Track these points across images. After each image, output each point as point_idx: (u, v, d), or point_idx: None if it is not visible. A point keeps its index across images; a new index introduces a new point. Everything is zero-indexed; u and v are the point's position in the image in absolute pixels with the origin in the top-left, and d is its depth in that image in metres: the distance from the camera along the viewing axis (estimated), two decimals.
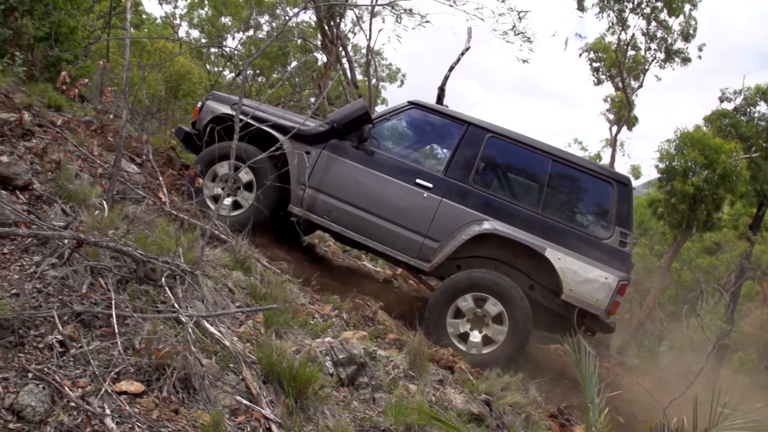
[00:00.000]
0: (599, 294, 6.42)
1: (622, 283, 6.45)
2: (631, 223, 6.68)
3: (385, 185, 6.70)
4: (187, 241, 4.91)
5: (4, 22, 9.58)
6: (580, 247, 6.51)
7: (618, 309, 6.63)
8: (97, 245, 3.96)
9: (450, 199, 6.64)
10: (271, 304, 4.87)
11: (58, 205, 4.75)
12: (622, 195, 6.67)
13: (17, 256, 3.87)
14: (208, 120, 7.06)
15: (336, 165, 6.76)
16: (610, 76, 20.98)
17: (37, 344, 3.24)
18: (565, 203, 7.08)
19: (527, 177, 7.26)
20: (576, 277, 6.42)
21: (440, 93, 13.33)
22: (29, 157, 5.37)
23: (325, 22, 17.81)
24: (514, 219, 6.58)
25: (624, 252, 6.57)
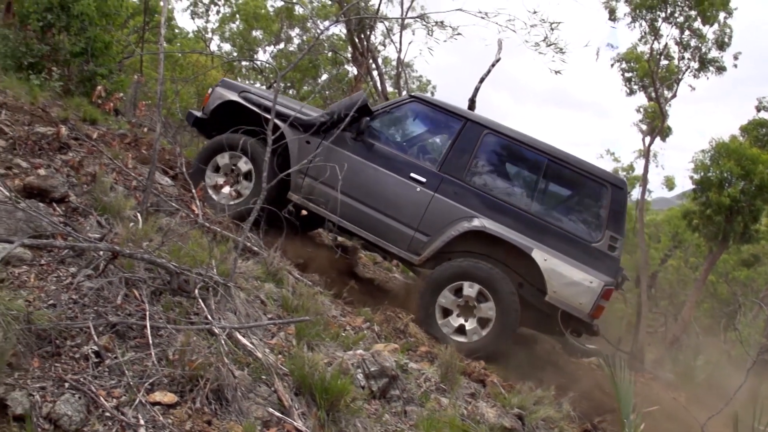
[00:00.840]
0: (583, 297, 6.40)
1: (607, 288, 6.40)
2: (623, 227, 6.64)
3: (380, 177, 6.76)
4: (219, 253, 4.97)
5: (42, 38, 9.81)
6: (568, 249, 6.49)
7: (602, 313, 6.55)
8: (131, 257, 4.01)
9: (442, 195, 6.68)
10: (302, 316, 4.89)
11: (94, 217, 4.83)
12: (616, 198, 6.62)
13: (54, 267, 3.94)
14: (215, 105, 7.28)
15: (334, 155, 6.78)
16: (643, 86, 20.74)
17: (73, 354, 3.28)
18: (558, 204, 7.04)
19: (521, 175, 7.21)
20: (561, 279, 6.40)
21: (471, 104, 13.35)
22: (66, 170, 5.47)
23: (355, 35, 17.92)
24: (505, 217, 6.60)
25: (612, 257, 6.52)
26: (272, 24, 27.55)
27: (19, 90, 7.73)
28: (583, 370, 8.25)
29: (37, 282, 3.73)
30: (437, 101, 7.29)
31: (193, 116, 7.72)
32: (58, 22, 9.85)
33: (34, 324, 3.21)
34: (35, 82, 8.80)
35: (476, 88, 13.20)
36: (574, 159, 6.84)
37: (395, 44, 25.89)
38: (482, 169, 6.92)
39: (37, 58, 9.69)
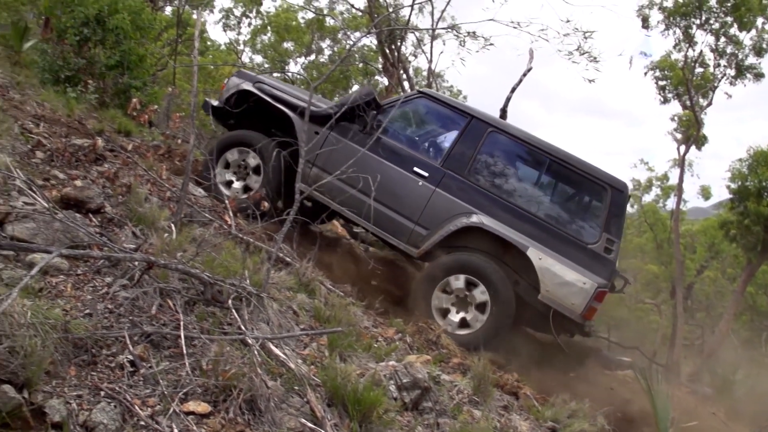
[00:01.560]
0: (575, 298, 6.43)
1: (600, 290, 6.41)
2: (620, 230, 6.65)
3: (384, 170, 6.79)
4: (252, 263, 5.01)
5: (79, 52, 10.01)
6: (563, 250, 6.53)
7: (594, 315, 6.59)
8: (166, 267, 4.06)
9: (443, 190, 6.79)
10: (335, 326, 4.90)
11: (129, 227, 4.90)
12: (616, 201, 6.64)
13: (90, 277, 4.01)
14: (230, 94, 7.51)
15: (341, 147, 6.92)
16: (677, 95, 20.51)
17: (109, 363, 3.33)
18: (557, 204, 7.08)
19: (522, 174, 7.22)
20: (554, 279, 6.45)
21: (502, 114, 13.34)
22: (101, 181, 5.57)
23: (386, 46, 18.00)
24: (503, 215, 6.67)
25: (607, 259, 6.53)
26: (303, 35, 27.80)
27: (56, 103, 7.89)
28: (618, 383, 8.15)
29: (74, 291, 3.79)
30: (445, 97, 7.50)
31: (209, 105, 7.92)
32: (94, 36, 10.05)
33: (71, 333, 3.26)
34: (72, 94, 8.98)
35: (507, 98, 13.19)
36: (576, 159, 6.86)
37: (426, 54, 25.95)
38: (484, 167, 7.00)
39: (74, 72, 9.89)
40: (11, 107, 6.61)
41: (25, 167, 5.21)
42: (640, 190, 33.15)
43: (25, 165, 5.27)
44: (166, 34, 18.49)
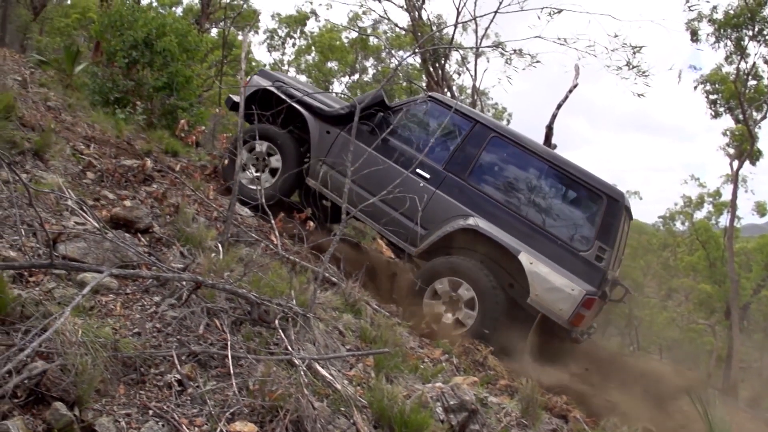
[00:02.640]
0: (563, 304, 6.51)
1: (589, 297, 6.46)
2: (614, 239, 6.68)
3: (388, 170, 6.93)
4: (299, 283, 5.03)
5: (127, 74, 10.26)
6: (554, 255, 6.63)
7: (583, 322, 6.62)
8: (214, 287, 4.11)
9: (443, 192, 7.01)
10: (381, 347, 4.89)
11: (177, 247, 4.98)
12: (611, 210, 6.71)
13: (139, 296, 4.08)
14: (248, 93, 7.70)
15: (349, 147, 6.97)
16: (729, 108, 20.11)
17: (157, 382, 3.37)
18: (552, 210, 7.11)
19: (521, 179, 7.29)
20: (544, 284, 6.55)
21: (548, 132, 13.23)
22: (150, 202, 5.68)
23: (430, 64, 18.05)
24: (499, 218, 6.83)
25: (598, 267, 6.59)
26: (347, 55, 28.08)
27: (105, 124, 8.09)
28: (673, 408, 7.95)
29: (123, 310, 3.85)
30: (452, 102, 7.65)
31: (231, 101, 8.27)
32: (142, 59, 10.31)
33: (120, 352, 3.32)
34: (120, 116, 9.20)
35: (553, 115, 13.08)
36: (575, 167, 6.97)
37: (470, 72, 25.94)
38: (484, 171, 7.18)
39: (123, 93, 10.15)
40: (63, 129, 6.79)
41: (77, 187, 5.34)
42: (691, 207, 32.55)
43: (76, 185, 5.40)
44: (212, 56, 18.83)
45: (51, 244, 3.69)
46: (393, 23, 22.22)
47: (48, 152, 5.62)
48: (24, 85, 7.98)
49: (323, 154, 7.43)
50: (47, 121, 6.47)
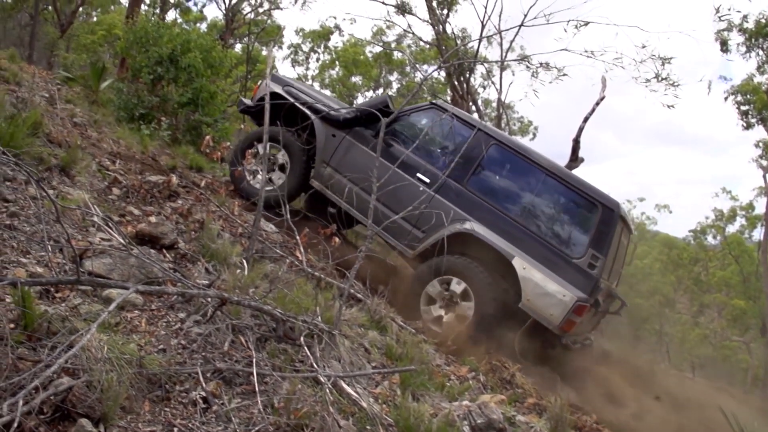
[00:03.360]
0: (554, 309, 6.60)
1: (580, 303, 6.54)
2: (607, 248, 6.77)
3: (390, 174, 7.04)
4: (324, 299, 5.03)
5: (153, 90, 10.39)
6: (548, 261, 6.74)
7: (573, 329, 6.69)
8: (239, 304, 4.13)
9: (442, 196, 7.15)
10: (407, 364, 4.87)
11: (202, 263, 5.01)
12: (605, 219, 6.82)
13: (164, 312, 4.10)
14: (260, 96, 8.12)
15: (354, 149, 7.54)
16: (762, 119, 19.85)
17: (182, 399, 3.38)
18: (548, 217, 7.22)
19: (518, 186, 7.39)
20: (536, 289, 6.66)
21: (575, 145, 13.13)
22: (175, 217, 5.73)
23: (454, 78, 18.05)
24: (495, 224, 6.95)
25: (590, 274, 6.68)
26: (371, 69, 28.18)
27: (131, 140, 8.19)
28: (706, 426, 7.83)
29: (148, 327, 3.88)
30: (455, 109, 7.85)
31: (243, 103, 8.68)
32: (167, 75, 10.43)
33: (145, 368, 3.33)
34: (145, 131, 9.31)
35: (580, 128, 12.97)
36: (572, 176, 7.18)
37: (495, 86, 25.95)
38: (483, 177, 7.32)
39: (148, 109, 10.28)
40: (89, 145, 6.89)
41: (103, 203, 5.41)
42: (723, 221, 32.16)
43: (102, 201, 5.47)
44: (236, 71, 19.01)
45: (77, 260, 3.73)
46: (417, 37, 22.31)
47: (74, 168, 5.70)
48: (51, 102, 8.11)
49: (328, 156, 7.69)
50: (74, 137, 6.56)
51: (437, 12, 19.32)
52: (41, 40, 28.77)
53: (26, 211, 4.51)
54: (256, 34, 27.47)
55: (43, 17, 29.22)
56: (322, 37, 30.62)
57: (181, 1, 30.75)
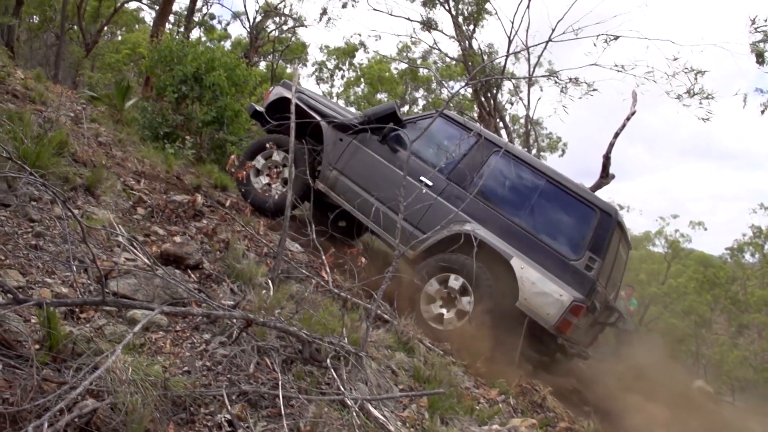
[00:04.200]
0: (551, 308, 6.81)
1: (576, 303, 6.76)
2: (605, 251, 7.01)
3: (394, 177, 7.52)
4: (350, 320, 5.03)
5: (177, 108, 10.51)
6: (545, 262, 6.99)
7: (569, 330, 6.84)
8: (264, 325, 4.13)
9: (444, 199, 7.43)
10: (435, 387, 4.85)
11: (227, 284, 5.04)
12: (603, 224, 7.09)
13: (189, 333, 4.12)
14: (272, 100, 8.67)
15: (360, 153, 7.90)
16: None
17: (207, 422, 3.38)
18: (546, 221, 7.44)
19: (519, 191, 7.66)
20: (532, 288, 6.89)
21: (605, 161, 13.04)
22: (200, 237, 5.77)
23: (481, 94, 18.05)
24: (495, 226, 7.22)
25: (587, 275, 6.90)
26: (397, 86, 28.27)
27: (155, 159, 8.28)
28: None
29: (173, 348, 3.90)
30: (460, 119, 8.29)
31: (253, 108, 9.13)
32: (191, 93, 10.55)
33: (170, 390, 3.34)
34: (170, 150, 9.41)
35: (611, 144, 12.90)
36: (571, 182, 7.44)
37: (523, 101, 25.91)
38: (484, 182, 7.54)
39: (172, 128, 10.39)
40: (114, 164, 6.98)
41: (127, 223, 5.47)
42: (761, 238, 31.69)
43: (127, 221, 5.53)
44: (260, 89, 19.17)
45: (103, 280, 3.77)
46: (443, 53, 22.38)
47: (99, 188, 5.78)
48: (76, 121, 8.24)
49: (334, 160, 8.04)
50: (98, 156, 6.66)
51: (463, 28, 19.38)
52: (66, 59, 29.32)
53: (51, 231, 4.58)
54: (281, 51, 27.74)
55: (68, 37, 29.80)
56: (346, 54, 30.85)
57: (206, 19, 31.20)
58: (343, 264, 6.43)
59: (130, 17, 37.07)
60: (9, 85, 8.20)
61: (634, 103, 12.80)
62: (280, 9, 26.75)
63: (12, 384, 2.93)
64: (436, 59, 25.58)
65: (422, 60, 26.18)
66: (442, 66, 25.92)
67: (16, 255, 4.15)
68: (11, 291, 3.26)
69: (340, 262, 6.40)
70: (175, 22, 29.43)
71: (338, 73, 31.44)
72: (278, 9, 26.63)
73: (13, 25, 21.41)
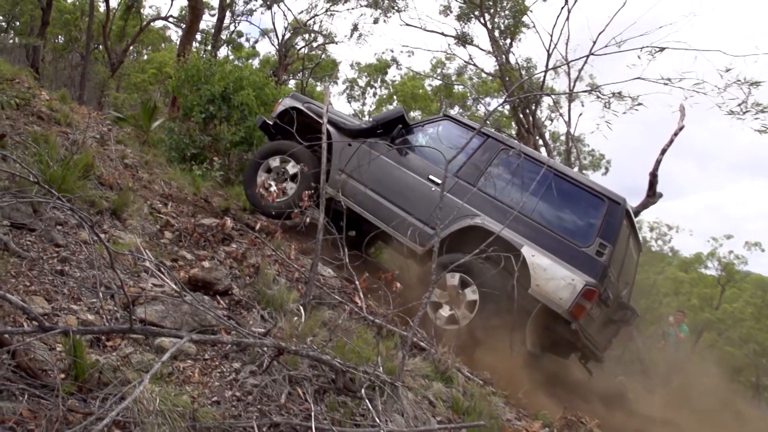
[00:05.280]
0: (563, 293, 7.06)
1: (589, 288, 6.99)
2: (615, 237, 7.31)
3: (403, 177, 8.08)
4: (385, 348, 5.01)
5: (205, 129, 10.65)
6: (556, 249, 7.28)
7: (583, 315, 7.03)
8: (296, 354, 4.13)
9: (453, 195, 7.69)
10: (475, 419, 4.80)
11: (257, 310, 5.06)
12: (611, 211, 7.43)
13: (218, 362, 4.14)
14: (279, 111, 9.15)
15: (368, 157, 8.17)
16: None
17: None
18: (556, 211, 7.76)
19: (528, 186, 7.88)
20: (544, 274, 7.15)
21: (652, 179, 12.91)
22: (229, 262, 5.82)
23: (520, 111, 18.02)
24: (505, 219, 7.31)
25: (598, 261, 7.17)
26: (431, 103, 28.37)
27: (182, 181, 8.39)
28: None
29: (202, 377, 3.92)
30: (466, 120, 8.78)
31: (261, 120, 9.53)
32: (219, 113, 10.70)
33: (198, 422, 3.35)
34: (197, 172, 9.53)
35: (657, 161, 12.76)
36: (578, 176, 8.02)
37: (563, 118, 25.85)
38: (493, 178, 7.88)
39: (200, 149, 10.53)
40: (141, 187, 7.08)
41: (155, 248, 5.53)
42: None
43: (154, 245, 5.60)
44: None
45: (130, 307, 3.81)
46: (479, 69, 22.43)
47: (126, 211, 5.86)
48: (102, 143, 8.39)
49: (343, 164, 8.44)
50: (125, 179, 6.76)
51: (500, 42, 19.43)
52: (92, 79, 29.93)
53: (77, 256, 4.65)
54: (311, 69, 28.04)
55: (93, 57, 30.44)
56: (378, 71, 31.07)
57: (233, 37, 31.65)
58: (377, 289, 6.43)
59: (156, 36, 37.83)
60: (34, 106, 8.38)
61: (682, 118, 12.66)
62: (310, 25, 27.08)
63: (37, 414, 2.97)
64: (472, 75, 25.67)
65: (457, 76, 26.27)
66: (478, 82, 25.97)
67: (41, 281, 4.23)
68: (36, 318, 3.31)
69: (375, 287, 6.41)
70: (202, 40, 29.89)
71: (370, 91, 31.67)
72: (308, 25, 26.95)
73: (38, 46, 21.93)
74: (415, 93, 29.02)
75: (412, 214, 7.92)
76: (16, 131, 6.83)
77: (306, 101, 9.26)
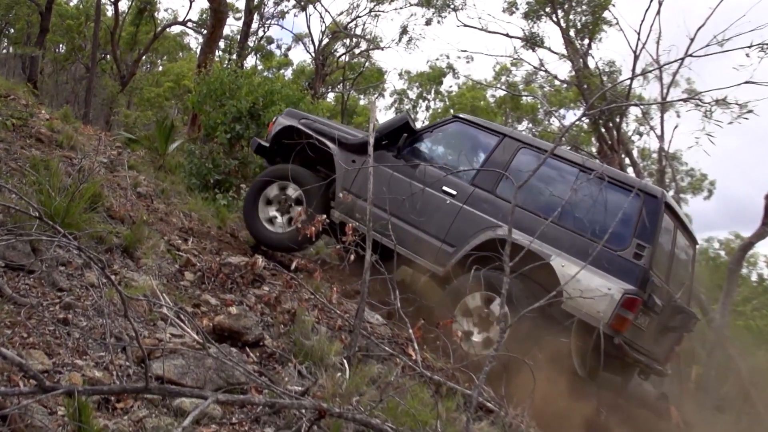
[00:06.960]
0: (600, 305, 7.00)
1: (629, 296, 6.95)
2: (654, 236, 7.28)
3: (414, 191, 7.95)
4: (445, 410, 4.94)
5: (230, 151, 10.74)
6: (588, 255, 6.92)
7: (626, 327, 6.97)
8: (341, 417, 4.09)
9: (471, 206, 7.88)
10: None
11: (293, 364, 5.03)
12: (649, 208, 7.40)
13: (247, 426, 4.11)
14: (275, 132, 9.27)
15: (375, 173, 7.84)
16: None
17: None
18: (585, 213, 7.69)
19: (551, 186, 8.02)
20: (578, 286, 6.93)
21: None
22: (260, 307, 5.82)
23: (601, 124, 17.85)
24: (530, 227, 7.31)
25: (637, 265, 7.15)
26: (494, 117, 28.35)
27: (205, 212, 8.46)
28: None
29: None
30: (479, 120, 8.88)
31: (256, 143, 9.66)
32: (247, 133, 10.77)
33: None
34: (222, 201, 9.62)
35: None
36: (608, 169, 7.84)
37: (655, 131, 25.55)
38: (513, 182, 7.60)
39: (224, 175, 10.62)
40: (157, 220, 7.15)
41: (173, 291, 5.56)
42: None
43: (172, 289, 5.63)
44: None
45: (146, 362, 3.80)
46: (552, 75, 22.32)
47: (139, 248, 5.91)
48: (111, 169, 8.51)
49: (348, 183, 8.54)
50: (138, 211, 6.84)
51: (576, 43, 19.33)
52: (98, 95, 30.45)
53: (83, 302, 4.68)
54: (352, 79, 28.24)
55: (100, 68, 31.02)
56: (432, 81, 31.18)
57: (263, 44, 32.05)
58: (435, 339, 6.37)
59: (172, 44, 38.51)
60: (32, 127, 8.54)
61: None
62: (351, 29, 27.30)
63: None
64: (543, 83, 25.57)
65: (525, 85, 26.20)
66: (551, 91, 25.85)
67: (41, 332, 4.25)
68: (35, 376, 3.32)
69: (432, 336, 6.35)
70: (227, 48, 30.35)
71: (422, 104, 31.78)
72: (348, 29, 27.18)
73: (36, 57, 22.36)
74: (475, 105, 29.02)
75: (427, 233, 8.01)
76: (11, 156, 6.96)
77: (302, 117, 9.45)
